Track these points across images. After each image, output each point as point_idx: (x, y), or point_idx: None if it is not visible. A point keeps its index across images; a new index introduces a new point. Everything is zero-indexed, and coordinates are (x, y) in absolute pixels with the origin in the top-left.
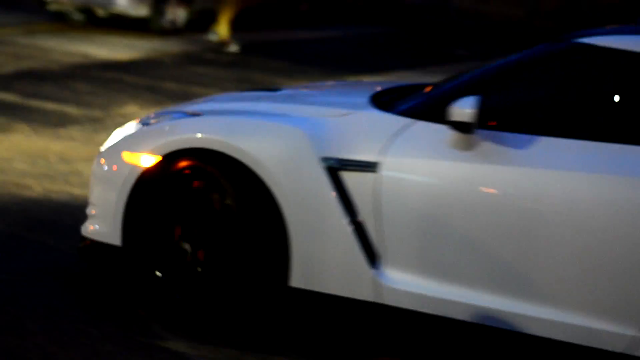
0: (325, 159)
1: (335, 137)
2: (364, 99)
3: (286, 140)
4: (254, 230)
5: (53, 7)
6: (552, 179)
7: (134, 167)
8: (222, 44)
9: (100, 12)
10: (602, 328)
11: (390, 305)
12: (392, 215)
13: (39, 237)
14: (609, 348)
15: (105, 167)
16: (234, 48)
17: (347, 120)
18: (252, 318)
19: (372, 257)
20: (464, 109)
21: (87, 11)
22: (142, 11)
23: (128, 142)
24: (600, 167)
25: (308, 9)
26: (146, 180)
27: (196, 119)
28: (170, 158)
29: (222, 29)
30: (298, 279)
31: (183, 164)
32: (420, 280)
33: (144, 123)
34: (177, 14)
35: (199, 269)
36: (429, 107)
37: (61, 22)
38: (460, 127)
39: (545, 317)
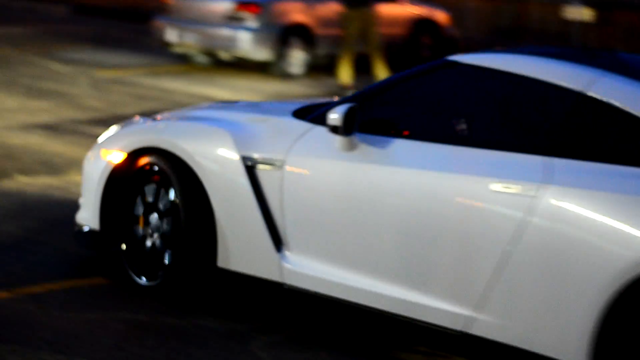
0: (244, 157)
1: (254, 138)
2: (290, 109)
3: (215, 140)
4: (192, 219)
5: (177, 49)
6: (409, 176)
7: (107, 162)
8: (344, 88)
9: (224, 55)
10: (440, 307)
11: (291, 285)
12: (292, 206)
13: None
14: (449, 325)
15: (90, 162)
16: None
17: (265, 125)
18: (190, 289)
19: (278, 242)
20: (335, 115)
21: (211, 54)
22: (264, 55)
23: (106, 141)
24: (452, 167)
25: (430, 55)
26: (116, 174)
27: (157, 122)
28: (134, 155)
29: (343, 74)
30: (222, 260)
31: (144, 161)
32: (316, 263)
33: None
34: (299, 58)
35: (149, 247)
36: (324, 115)
37: (185, 64)
38: (334, 130)
39: (396, 295)
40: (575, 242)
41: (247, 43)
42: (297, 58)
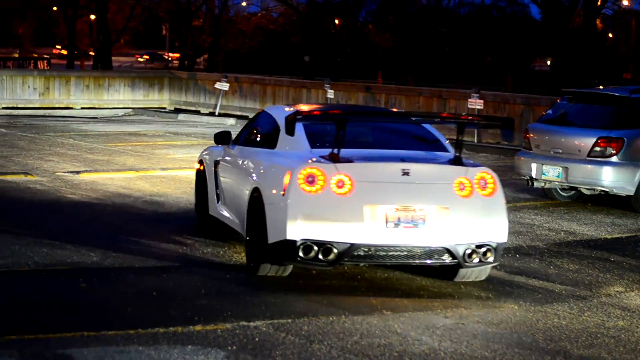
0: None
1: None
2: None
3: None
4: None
5: (538, 183)
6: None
7: (197, 167)
8: None
9: (585, 190)
10: None
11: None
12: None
13: None
14: None
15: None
16: None
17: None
18: None
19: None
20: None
21: (572, 188)
22: (627, 190)
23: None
24: None
25: None
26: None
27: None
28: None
29: None
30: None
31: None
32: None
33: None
34: None
35: None
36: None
37: (546, 199)
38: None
39: None
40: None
41: (609, 178)
42: None
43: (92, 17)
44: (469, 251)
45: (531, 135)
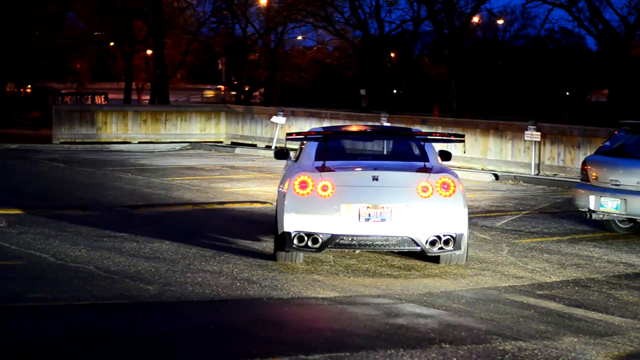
0: None
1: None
2: None
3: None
4: None
5: (597, 216)
6: None
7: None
8: None
9: None
10: None
11: None
12: None
13: None
14: None
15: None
16: None
17: None
18: None
19: None
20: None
21: (631, 220)
22: None
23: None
24: None
25: None
26: None
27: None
28: None
29: None
30: None
31: None
32: None
33: None
34: None
35: None
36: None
37: (604, 231)
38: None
39: None
40: None
41: None
42: None
43: (149, 52)
44: (430, 240)
45: (589, 167)
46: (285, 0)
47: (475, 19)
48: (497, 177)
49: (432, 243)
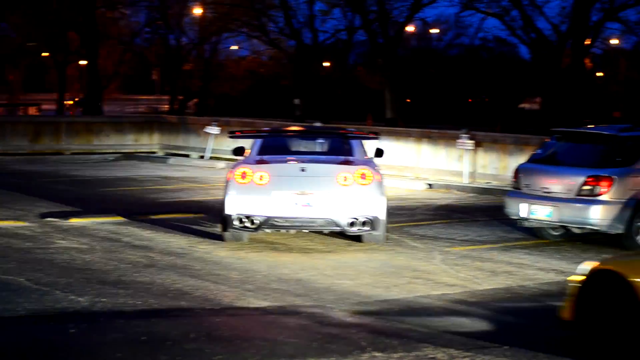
0: None
1: None
2: None
3: None
4: None
5: (527, 223)
6: None
7: None
8: None
9: (575, 229)
10: None
11: None
12: None
13: None
14: None
15: None
16: None
17: None
18: None
19: None
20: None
21: (562, 227)
22: (616, 228)
23: None
24: None
25: None
26: None
27: None
28: None
29: None
30: None
31: None
32: None
33: None
34: None
35: None
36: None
37: (536, 238)
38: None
39: None
40: None
41: (599, 216)
42: None
43: (82, 62)
44: (349, 222)
45: (521, 175)
46: (219, 10)
47: (410, 28)
48: (430, 185)
49: (351, 224)
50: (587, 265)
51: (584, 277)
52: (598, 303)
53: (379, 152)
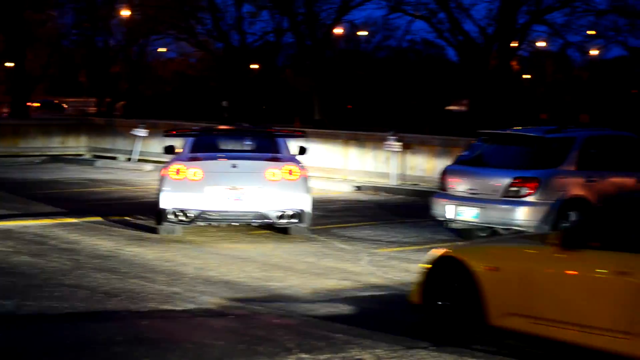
0: None
1: None
2: None
3: None
4: None
5: (456, 225)
6: None
7: None
8: None
9: (502, 230)
10: None
11: None
12: None
13: None
14: None
15: None
16: None
17: None
18: None
19: None
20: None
21: (489, 228)
22: (543, 229)
23: None
24: None
25: None
26: None
27: None
28: None
29: None
30: None
31: None
32: None
33: None
34: None
35: None
36: None
37: (463, 239)
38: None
39: None
40: None
41: (525, 217)
42: None
43: (9, 64)
44: (278, 214)
45: (448, 176)
46: (147, 12)
47: (338, 31)
48: (358, 187)
49: (280, 217)
50: (435, 252)
51: (430, 263)
52: (442, 287)
53: (302, 150)
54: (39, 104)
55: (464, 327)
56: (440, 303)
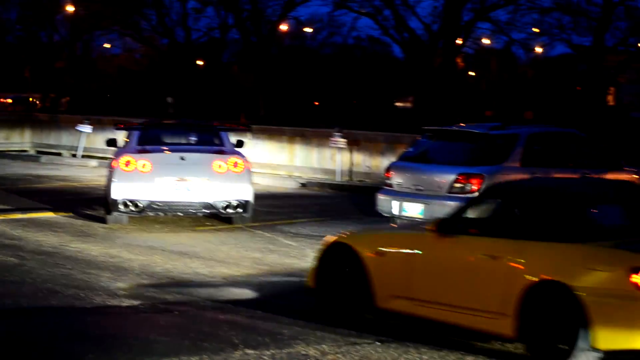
0: None
1: None
2: None
3: None
4: None
5: (400, 221)
6: None
7: None
8: None
9: None
10: None
11: None
12: None
13: None
14: None
15: None
16: None
17: None
18: None
19: None
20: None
21: None
22: None
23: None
24: None
25: None
26: None
27: None
28: None
29: None
30: None
31: None
32: None
33: None
34: None
35: None
36: None
37: None
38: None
39: None
40: None
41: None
42: None
43: None
44: (224, 205)
45: (392, 172)
46: (91, 7)
47: (284, 27)
48: (304, 184)
49: (226, 207)
50: (328, 239)
51: (324, 250)
52: (334, 272)
53: (240, 143)
54: (10, 100)
55: (354, 309)
56: (332, 287)
